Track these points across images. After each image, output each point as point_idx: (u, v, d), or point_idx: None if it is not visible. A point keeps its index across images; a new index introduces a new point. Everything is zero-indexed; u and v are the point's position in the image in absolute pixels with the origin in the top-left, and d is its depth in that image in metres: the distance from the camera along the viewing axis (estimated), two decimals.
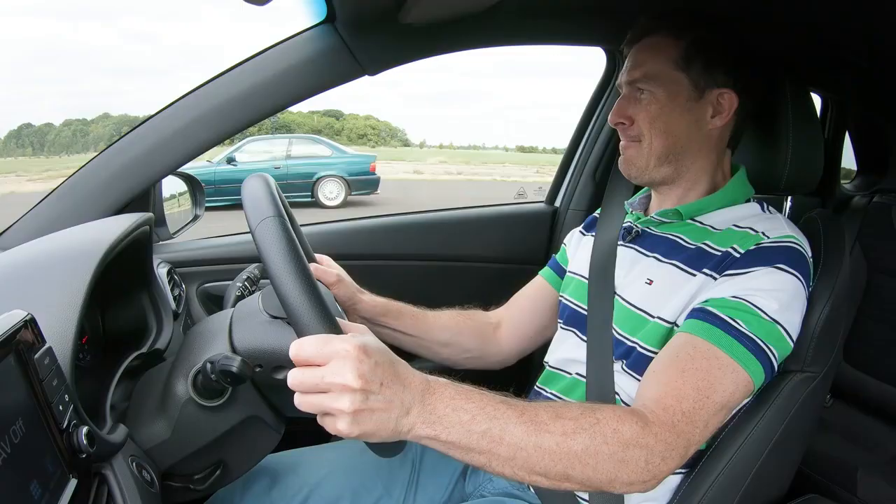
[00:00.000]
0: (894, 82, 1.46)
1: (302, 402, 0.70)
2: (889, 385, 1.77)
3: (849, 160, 2.22)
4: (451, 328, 1.28)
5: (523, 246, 1.90)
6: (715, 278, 0.95)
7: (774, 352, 0.90)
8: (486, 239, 1.88)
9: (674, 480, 1.01)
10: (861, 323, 1.86)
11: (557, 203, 1.97)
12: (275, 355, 0.86)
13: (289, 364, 0.86)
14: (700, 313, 0.92)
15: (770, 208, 1.06)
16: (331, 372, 0.67)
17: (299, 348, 0.69)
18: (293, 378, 0.69)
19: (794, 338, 0.94)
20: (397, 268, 1.77)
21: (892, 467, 1.72)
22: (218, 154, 10.76)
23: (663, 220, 1.08)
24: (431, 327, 1.26)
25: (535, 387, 1.19)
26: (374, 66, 1.32)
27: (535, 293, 1.32)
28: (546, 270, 1.34)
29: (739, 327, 0.88)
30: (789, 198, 1.20)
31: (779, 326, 0.90)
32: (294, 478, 1.12)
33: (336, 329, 0.73)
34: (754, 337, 0.88)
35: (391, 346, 0.77)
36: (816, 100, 2.00)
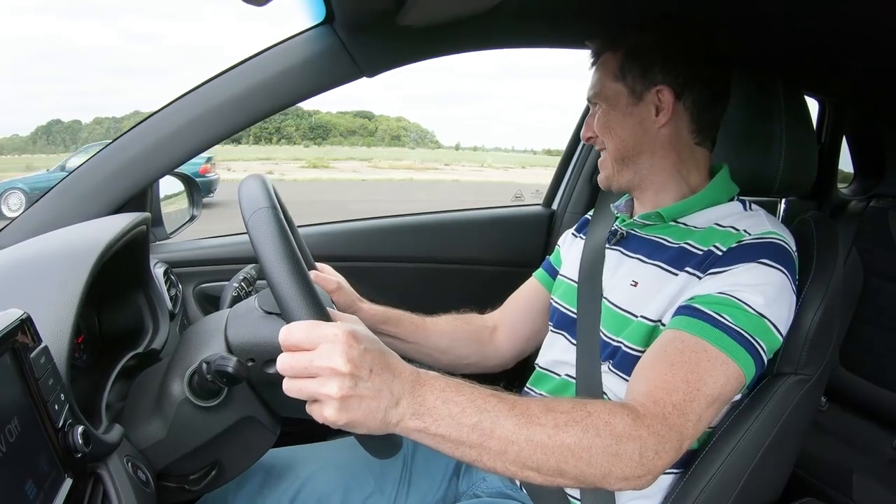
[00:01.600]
0: (892, 87, 1.47)
1: (290, 388, 0.69)
2: (885, 389, 1.78)
3: (846, 164, 2.22)
4: (450, 334, 1.28)
5: (520, 249, 1.90)
6: (699, 277, 0.96)
7: (763, 344, 0.90)
8: (484, 241, 1.88)
9: (667, 481, 1.01)
10: (857, 327, 1.86)
11: (555, 206, 1.97)
12: (267, 348, 0.86)
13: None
14: (686, 310, 0.93)
15: (752, 206, 1.06)
16: (319, 355, 0.67)
17: (288, 333, 0.69)
18: (282, 362, 0.69)
19: (783, 331, 0.94)
20: (394, 269, 1.78)
21: (888, 471, 1.73)
22: (56, 162, 10.75)
23: (647, 222, 1.09)
24: (430, 334, 1.27)
25: (526, 387, 1.20)
26: (372, 67, 1.32)
27: (529, 295, 1.33)
28: (540, 272, 1.35)
29: (726, 321, 0.89)
30: (783, 200, 1.20)
31: (765, 320, 0.90)
32: (287, 474, 1.12)
33: (325, 316, 0.73)
34: (741, 330, 0.89)
35: None
36: (814, 104, 2.02)
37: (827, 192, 2.05)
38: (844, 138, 2.11)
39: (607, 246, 1.15)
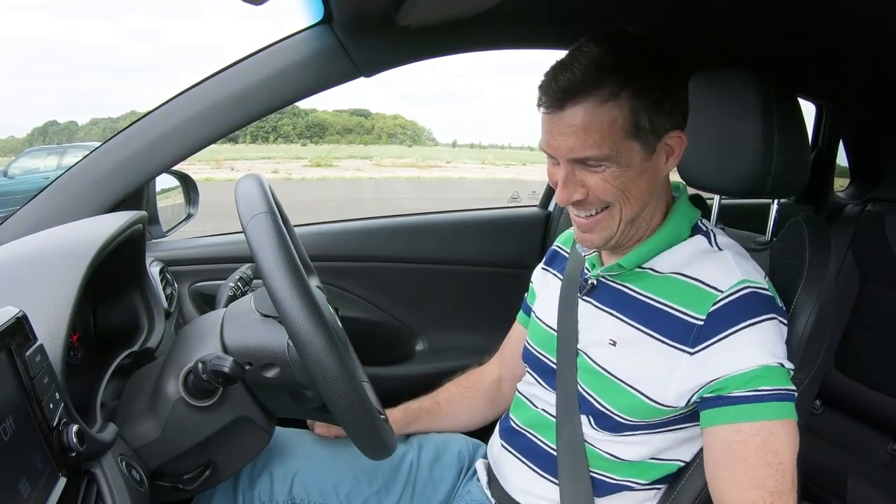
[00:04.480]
0: (888, 92, 1.47)
1: None
2: (880, 393, 1.79)
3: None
4: (468, 410, 1.29)
5: (516, 250, 1.90)
6: (690, 353, 0.91)
7: (790, 382, 0.90)
8: (480, 242, 1.88)
9: (658, 494, 1.01)
10: (853, 331, 1.87)
11: (551, 207, 1.97)
12: (265, 353, 0.86)
13: (278, 362, 0.86)
14: (720, 401, 0.89)
15: (717, 240, 0.98)
16: None
17: None
18: None
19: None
20: (389, 270, 1.77)
21: (882, 475, 1.73)
22: None
23: (612, 273, 1.02)
24: (447, 420, 1.28)
25: (509, 414, 1.17)
26: (370, 67, 1.32)
27: (520, 339, 1.25)
28: (521, 315, 1.30)
29: (764, 391, 0.87)
30: (776, 202, 1.19)
31: (783, 365, 0.89)
32: (279, 462, 1.11)
33: (323, 324, 0.73)
34: (777, 389, 0.87)
35: None
36: (810, 107, 2.02)
37: (823, 195, 2.05)
38: (841, 142, 2.12)
39: (579, 296, 1.08)
